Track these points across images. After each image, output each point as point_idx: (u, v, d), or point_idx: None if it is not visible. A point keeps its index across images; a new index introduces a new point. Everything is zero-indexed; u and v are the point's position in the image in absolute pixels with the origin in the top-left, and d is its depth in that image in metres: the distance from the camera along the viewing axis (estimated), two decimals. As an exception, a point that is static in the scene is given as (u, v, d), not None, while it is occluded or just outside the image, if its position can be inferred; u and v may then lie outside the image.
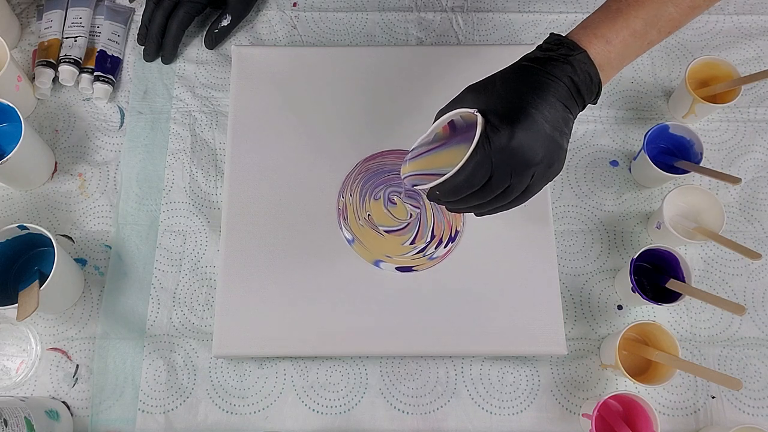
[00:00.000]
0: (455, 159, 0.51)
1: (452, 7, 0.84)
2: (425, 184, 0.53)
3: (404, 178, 0.58)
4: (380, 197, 0.72)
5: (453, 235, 0.70)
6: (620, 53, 0.53)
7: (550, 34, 0.54)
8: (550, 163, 0.51)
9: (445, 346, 0.66)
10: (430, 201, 0.55)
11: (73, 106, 0.78)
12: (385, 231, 0.70)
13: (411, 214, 0.71)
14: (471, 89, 0.53)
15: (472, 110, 0.51)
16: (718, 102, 0.73)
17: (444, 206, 0.56)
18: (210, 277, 0.71)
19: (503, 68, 0.53)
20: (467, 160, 0.50)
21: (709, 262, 0.73)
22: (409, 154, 0.57)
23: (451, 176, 0.51)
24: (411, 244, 0.70)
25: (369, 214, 0.71)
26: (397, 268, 0.69)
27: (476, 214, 0.56)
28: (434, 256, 0.69)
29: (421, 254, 0.69)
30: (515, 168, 0.50)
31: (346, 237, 0.70)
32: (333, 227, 0.70)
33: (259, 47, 0.79)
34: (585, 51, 0.52)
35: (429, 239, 0.70)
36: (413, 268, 0.69)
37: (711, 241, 0.68)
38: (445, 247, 0.69)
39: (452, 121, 0.54)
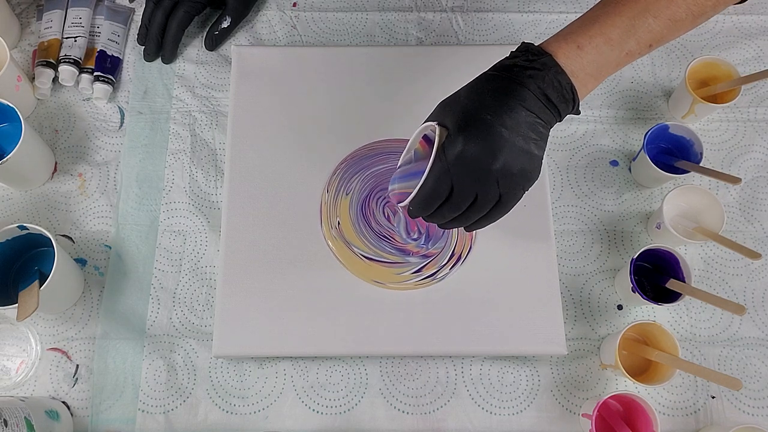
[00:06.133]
0: None
1: (452, 7, 0.84)
2: (405, 200, 0.54)
3: (390, 194, 0.59)
4: (351, 192, 0.70)
5: (472, 245, 0.69)
6: (595, 60, 0.52)
7: (522, 42, 0.53)
8: (514, 169, 0.50)
9: (445, 346, 0.66)
10: (412, 218, 0.56)
11: (73, 106, 0.78)
12: (365, 257, 0.68)
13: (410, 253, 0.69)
14: (441, 103, 0.54)
15: (432, 124, 0.52)
16: (718, 102, 0.73)
17: (434, 223, 0.56)
18: (210, 277, 0.71)
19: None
20: (428, 173, 0.51)
21: (709, 262, 0.73)
22: (394, 174, 0.58)
23: (417, 190, 0.52)
24: (415, 272, 0.68)
25: (339, 221, 0.69)
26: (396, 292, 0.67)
27: (465, 229, 0.56)
28: (447, 276, 0.68)
29: (431, 278, 0.68)
30: (474, 175, 0.50)
31: (329, 245, 0.69)
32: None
33: (259, 47, 0.80)
34: (550, 55, 0.51)
35: (446, 260, 0.68)
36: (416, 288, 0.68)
37: (711, 241, 0.68)
38: (462, 263, 0.68)
39: (427, 137, 0.55)
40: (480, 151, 0.49)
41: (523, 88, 0.50)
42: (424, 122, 0.54)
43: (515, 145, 0.49)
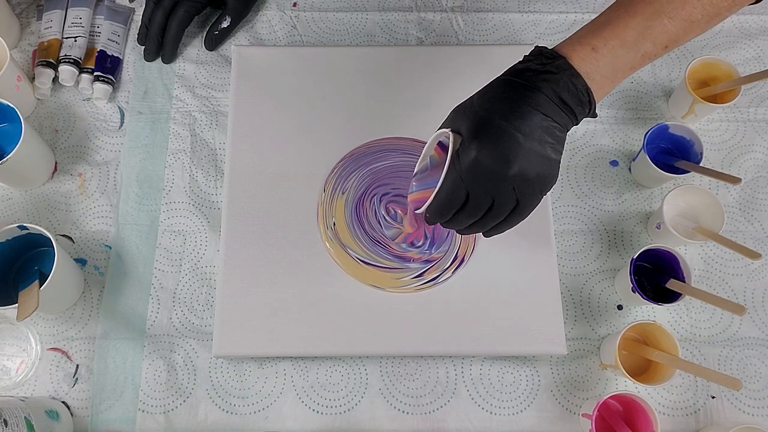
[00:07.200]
0: None
1: (452, 7, 0.84)
2: (421, 208, 0.54)
3: (409, 202, 0.59)
4: (347, 190, 0.70)
5: (475, 246, 0.69)
6: (610, 63, 0.51)
7: (535, 46, 0.53)
8: (530, 174, 0.49)
9: (445, 346, 0.66)
10: (430, 224, 0.56)
11: (73, 106, 0.78)
12: (361, 260, 0.68)
13: (410, 258, 0.68)
14: (455, 109, 0.53)
15: (446, 131, 0.51)
16: (718, 102, 0.73)
17: (453, 229, 0.56)
18: (210, 277, 0.71)
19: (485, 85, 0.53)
20: (442, 181, 0.51)
21: (709, 262, 0.73)
22: (412, 181, 0.58)
23: (432, 198, 0.52)
24: (416, 277, 0.68)
25: (334, 222, 0.69)
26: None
27: (484, 235, 0.56)
28: (449, 280, 0.67)
29: (433, 282, 0.67)
30: (488, 182, 0.49)
31: (326, 247, 0.68)
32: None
33: (259, 47, 0.80)
34: (564, 57, 0.50)
35: (449, 263, 0.68)
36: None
37: (711, 241, 0.68)
38: (466, 265, 0.68)
39: (442, 143, 0.55)
40: (494, 158, 0.48)
41: (538, 92, 0.49)
42: (439, 129, 0.54)
43: (530, 149, 0.49)
